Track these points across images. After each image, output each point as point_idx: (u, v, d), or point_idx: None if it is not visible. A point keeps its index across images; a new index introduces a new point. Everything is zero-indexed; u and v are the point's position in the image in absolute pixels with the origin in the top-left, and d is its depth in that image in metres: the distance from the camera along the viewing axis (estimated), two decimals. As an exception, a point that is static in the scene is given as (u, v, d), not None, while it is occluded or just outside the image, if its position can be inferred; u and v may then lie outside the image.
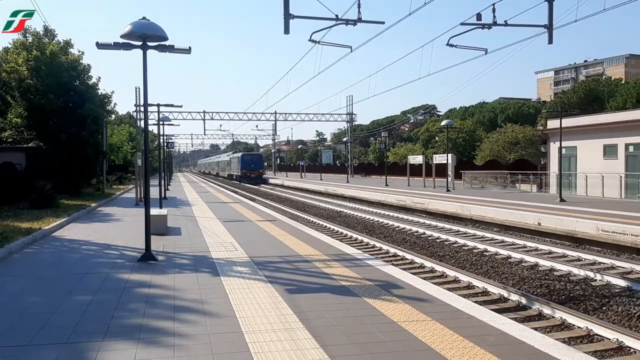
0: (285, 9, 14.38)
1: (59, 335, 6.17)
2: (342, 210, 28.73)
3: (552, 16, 16.47)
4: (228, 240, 13.75)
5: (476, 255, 14.98)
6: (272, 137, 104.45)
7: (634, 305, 9.58)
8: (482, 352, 5.51)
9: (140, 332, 6.24)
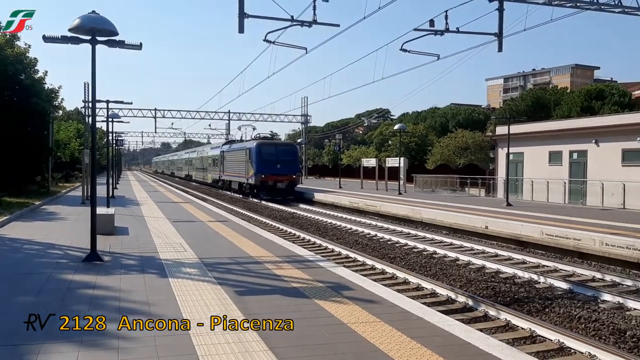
0: (240, 8, 14.25)
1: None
2: (295, 212, 28.70)
3: (502, 25, 16.91)
4: (177, 241, 13.52)
5: (426, 257, 15.20)
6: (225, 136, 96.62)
7: (575, 307, 9.91)
8: (428, 353, 5.57)
9: (83, 335, 6.05)
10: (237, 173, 42.33)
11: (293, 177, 37.58)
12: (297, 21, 15.61)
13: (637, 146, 26.65)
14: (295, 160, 39.15)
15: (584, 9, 18.79)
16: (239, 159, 41.53)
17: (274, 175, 36.71)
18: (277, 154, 37.78)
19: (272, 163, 36.97)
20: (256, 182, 36.77)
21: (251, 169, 37.58)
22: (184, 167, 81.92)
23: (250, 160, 37.99)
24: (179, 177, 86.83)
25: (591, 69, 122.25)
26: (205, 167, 60.62)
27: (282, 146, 40.38)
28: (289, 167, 37.49)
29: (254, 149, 37.77)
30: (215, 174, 53.55)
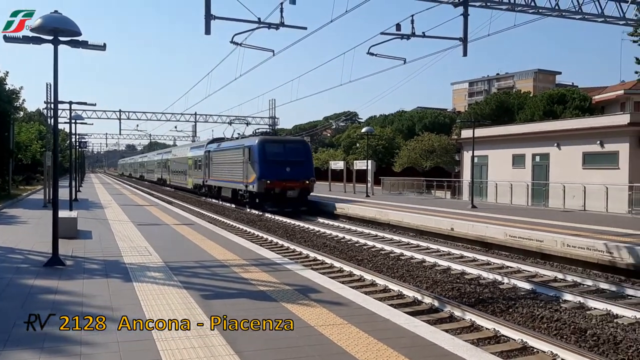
0: (207, 9, 14.11)
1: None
2: (262, 214, 28.57)
3: (467, 30, 17.13)
4: (142, 244, 13.31)
5: (393, 259, 15.31)
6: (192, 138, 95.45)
7: (538, 307, 10.10)
8: (395, 355, 5.61)
9: (45, 341, 5.90)
10: (230, 177, 34.25)
11: (306, 182, 29.38)
12: (264, 23, 15.55)
13: (597, 149, 27.38)
14: (309, 161, 30.65)
15: (545, 15, 19.20)
16: (233, 160, 33.45)
17: (282, 181, 28.83)
18: (285, 154, 29.72)
19: (280, 165, 29.02)
20: (259, 189, 28.88)
21: (252, 172, 29.71)
22: (157, 170, 72.46)
23: (250, 161, 30.03)
24: (149, 181, 78.29)
25: (553, 74, 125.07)
26: (184, 170, 51.48)
27: (291, 143, 31.81)
28: (301, 170, 29.50)
29: (256, 147, 29.73)
30: (197, 178, 44.28)
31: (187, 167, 49.81)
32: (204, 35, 14.42)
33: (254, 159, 29.81)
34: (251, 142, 30.99)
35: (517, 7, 18.55)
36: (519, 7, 18.55)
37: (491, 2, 18.08)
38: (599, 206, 25.39)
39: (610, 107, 54.85)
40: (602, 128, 27.37)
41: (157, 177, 70.95)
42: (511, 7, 18.49)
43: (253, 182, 29.67)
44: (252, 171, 29.91)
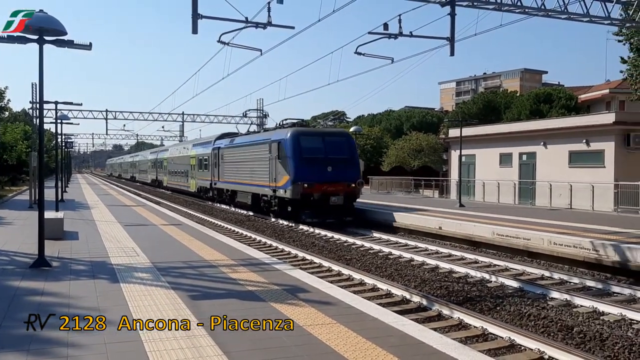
0: (194, 8, 14.05)
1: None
2: (250, 214, 28.50)
3: (454, 29, 17.20)
4: (129, 245, 13.23)
5: (381, 258, 15.34)
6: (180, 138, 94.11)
7: (525, 305, 10.16)
8: (383, 353, 5.62)
9: (31, 344, 5.85)
10: (250, 179, 28.23)
11: (352, 186, 23.47)
12: (251, 23, 15.51)
13: (583, 148, 27.62)
14: (354, 159, 24.38)
15: (531, 14, 19.33)
16: (255, 158, 27.40)
17: (323, 184, 22.90)
18: (326, 149, 23.62)
19: (320, 164, 23.14)
20: (294, 194, 22.77)
21: (283, 173, 23.64)
22: (151, 170, 65.88)
23: (280, 159, 23.96)
24: (142, 183, 72.07)
25: (539, 73, 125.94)
26: (184, 170, 45.11)
27: (332, 136, 24.98)
28: (345, 169, 23.60)
29: (289, 141, 23.53)
30: (203, 180, 38.27)
31: (188, 167, 43.21)
32: (192, 34, 14.37)
33: (286, 157, 23.46)
34: (281, 136, 24.35)
35: (503, 7, 18.65)
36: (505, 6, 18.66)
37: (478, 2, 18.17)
38: (585, 204, 25.62)
39: (595, 106, 55.38)
40: (588, 127, 27.61)
41: (152, 178, 64.16)
42: (498, 7, 18.59)
43: (285, 186, 23.36)
44: (283, 172, 23.62)
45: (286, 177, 23.38)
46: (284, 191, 23.70)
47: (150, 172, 66.50)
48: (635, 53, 32.13)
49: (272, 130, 27.71)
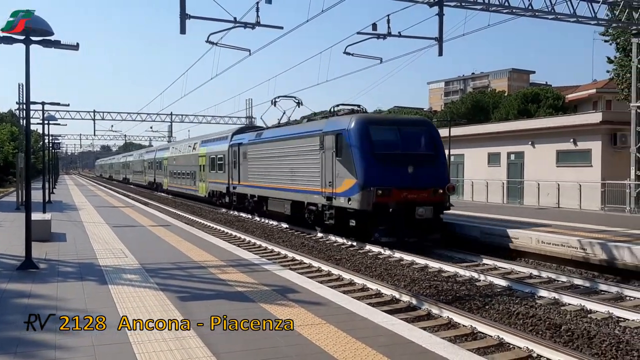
0: (182, 8, 14.02)
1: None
2: (240, 215, 28.43)
3: (442, 29, 17.30)
4: (118, 246, 13.15)
5: (371, 258, 15.35)
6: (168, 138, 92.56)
7: (514, 304, 10.22)
8: (373, 353, 5.62)
9: (18, 346, 5.80)
10: (290, 183, 21.82)
11: (440, 192, 17.37)
12: (240, 23, 15.50)
13: (571, 147, 27.82)
14: (441, 156, 18.38)
15: (519, 15, 19.48)
16: (298, 154, 21.18)
17: (404, 190, 16.78)
18: (403, 143, 17.55)
19: (398, 163, 17.10)
20: (362, 203, 16.63)
21: (345, 175, 17.46)
22: (148, 171, 59.45)
23: (340, 156, 17.79)
24: (137, 185, 67.16)
25: (527, 73, 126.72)
26: (191, 171, 39.18)
27: (410, 126, 18.50)
28: (431, 170, 17.57)
29: (354, 131, 17.40)
30: (217, 182, 32.66)
31: (196, 167, 37.50)
32: (180, 34, 14.33)
33: (350, 153, 17.21)
34: (340, 125, 18.19)
35: (491, 7, 18.77)
36: (493, 7, 18.77)
37: (466, 2, 18.27)
38: (572, 203, 25.81)
39: (583, 105, 55.78)
40: (575, 126, 27.80)
41: (149, 180, 57.91)
42: (485, 7, 18.71)
43: (348, 192, 17.15)
44: (345, 173, 17.43)
45: (350, 181, 17.07)
46: (346, 200, 17.28)
47: (146, 173, 60.18)
48: (621, 53, 32.43)
49: (320, 119, 21.07)
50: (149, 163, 59.11)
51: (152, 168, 56.91)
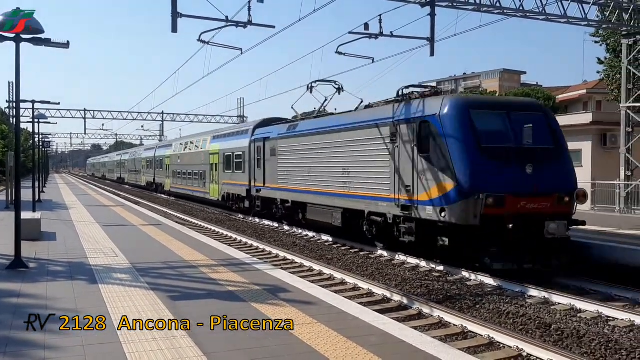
0: (173, 7, 13.98)
1: None
2: (231, 214, 28.38)
3: (434, 29, 17.36)
4: (108, 245, 13.10)
5: (362, 257, 15.37)
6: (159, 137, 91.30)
7: (504, 303, 10.26)
8: (364, 352, 5.63)
9: (7, 346, 5.77)
10: (341, 186, 17.34)
11: (566, 200, 12.85)
12: (232, 22, 15.47)
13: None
14: (564, 150, 13.55)
15: (510, 15, 19.57)
16: (356, 149, 16.65)
17: (522, 197, 12.23)
18: (515, 134, 12.89)
19: (512, 160, 12.61)
20: (464, 216, 12.19)
21: (437, 177, 13.03)
22: (145, 171, 54.58)
23: (427, 151, 13.36)
24: (132, 185, 62.83)
25: (518, 74, 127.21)
26: (200, 171, 34.42)
27: (522, 111, 13.63)
28: (554, 170, 13.04)
29: (450, 117, 12.92)
30: (234, 184, 27.86)
31: (206, 167, 32.99)
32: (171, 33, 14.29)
33: (442, 147, 12.91)
34: (427, 109, 13.72)
35: (482, 8, 18.84)
36: (484, 7, 18.84)
37: (457, 3, 18.33)
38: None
39: (573, 106, 56.08)
40: (566, 127, 27.75)
41: (147, 180, 52.92)
42: (477, 8, 18.78)
43: (440, 201, 12.82)
44: (435, 174, 13.10)
45: (444, 185, 12.67)
46: (435, 210, 12.92)
47: (145, 172, 54.73)
48: (611, 54, 32.67)
49: (386, 105, 15.79)
50: (147, 161, 53.63)
51: (151, 167, 51.67)
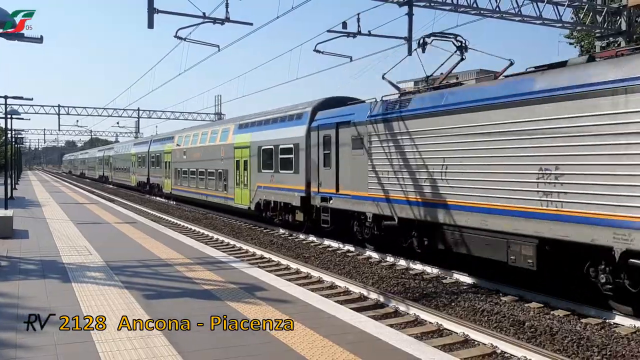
0: (150, 2, 13.80)
1: None
2: (208, 213, 28.18)
3: (412, 29, 17.43)
4: (82, 243, 12.90)
5: (339, 256, 15.38)
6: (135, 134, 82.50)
7: (479, 301, 10.36)
8: (340, 351, 5.64)
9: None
10: (537, 199, 9.83)
11: None
12: (209, 18, 15.33)
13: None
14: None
15: (486, 16, 19.78)
16: (578, 134, 9.15)
17: None
18: None
19: None
20: None
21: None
22: (136, 169, 47.13)
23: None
24: (119, 185, 54.59)
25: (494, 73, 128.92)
26: (219, 170, 27.02)
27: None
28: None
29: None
30: (278, 190, 20.65)
31: (229, 164, 25.73)
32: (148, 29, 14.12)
33: None
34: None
35: (459, 8, 19.01)
36: (461, 7, 19.01)
37: (435, 3, 18.46)
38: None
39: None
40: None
41: (139, 179, 45.84)
42: (454, 8, 18.94)
43: None
44: None
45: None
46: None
47: (135, 171, 47.40)
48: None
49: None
50: (139, 158, 45.92)
51: (144, 164, 43.90)
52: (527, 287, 10.91)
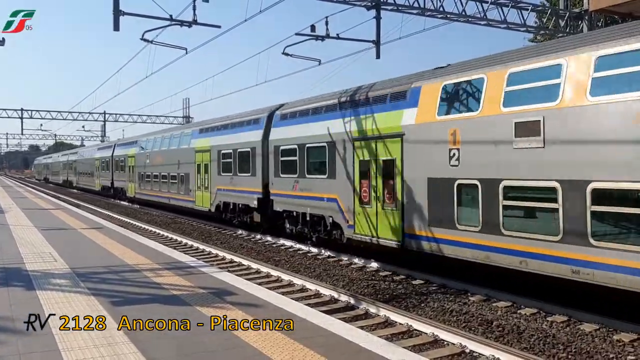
0: (115, 4, 13.62)
1: None
2: (176, 217, 27.86)
3: (380, 32, 17.56)
4: (46, 250, 12.61)
5: (310, 258, 15.39)
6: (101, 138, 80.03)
7: (448, 301, 10.48)
8: (311, 354, 5.62)
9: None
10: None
11: None
12: (176, 21, 15.21)
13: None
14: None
15: (453, 20, 20.05)
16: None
17: None
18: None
19: None
20: None
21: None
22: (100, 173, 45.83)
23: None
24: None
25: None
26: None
27: None
28: None
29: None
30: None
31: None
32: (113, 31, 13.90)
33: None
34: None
35: (426, 12, 19.23)
36: (428, 11, 19.22)
37: (402, 6, 18.63)
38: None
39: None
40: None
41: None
42: (421, 12, 19.15)
43: None
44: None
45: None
46: None
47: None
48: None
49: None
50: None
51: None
52: (495, 287, 11.07)
